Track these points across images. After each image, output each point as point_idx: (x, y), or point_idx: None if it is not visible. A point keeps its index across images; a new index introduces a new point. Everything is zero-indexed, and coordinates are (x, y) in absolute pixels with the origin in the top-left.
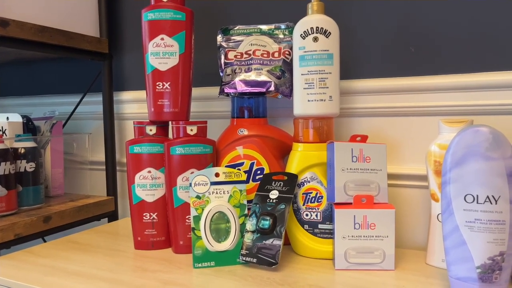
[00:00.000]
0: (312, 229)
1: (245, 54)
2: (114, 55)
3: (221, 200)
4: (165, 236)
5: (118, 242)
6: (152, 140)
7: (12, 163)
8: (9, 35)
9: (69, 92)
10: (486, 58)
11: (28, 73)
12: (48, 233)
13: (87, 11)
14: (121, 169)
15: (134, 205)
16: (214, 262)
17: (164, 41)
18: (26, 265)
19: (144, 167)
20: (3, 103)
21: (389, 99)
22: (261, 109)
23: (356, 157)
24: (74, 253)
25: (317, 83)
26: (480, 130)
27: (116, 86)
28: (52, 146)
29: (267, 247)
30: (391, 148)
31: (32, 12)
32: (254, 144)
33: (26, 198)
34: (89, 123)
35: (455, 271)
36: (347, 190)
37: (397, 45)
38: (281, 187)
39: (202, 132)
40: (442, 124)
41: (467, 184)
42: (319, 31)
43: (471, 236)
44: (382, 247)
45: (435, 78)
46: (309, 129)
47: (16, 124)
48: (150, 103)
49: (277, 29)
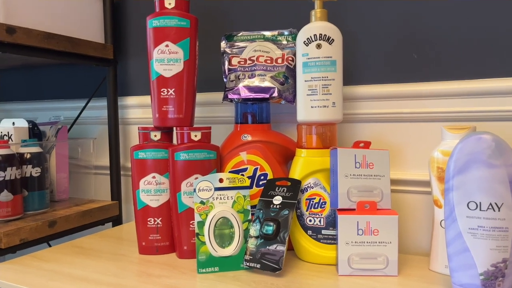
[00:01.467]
0: (315, 235)
1: (248, 60)
2: (119, 60)
3: (225, 205)
4: (169, 241)
5: (122, 247)
6: (157, 145)
7: (18, 168)
8: (16, 42)
9: (74, 97)
10: (488, 64)
11: (33, 78)
12: (53, 237)
13: (92, 18)
14: (125, 173)
15: (139, 210)
16: (218, 267)
17: (169, 48)
18: (32, 269)
19: (148, 173)
20: (9, 108)
21: (392, 105)
22: (264, 115)
23: (359, 163)
24: (79, 257)
25: (320, 89)
26: (483, 137)
27: (121, 92)
28: (57, 151)
29: (270, 252)
30: (394, 154)
31: (38, 18)
32: (257, 149)
33: (32, 202)
34: (94, 128)
35: (458, 277)
36: (351, 196)
37: (399, 51)
38: (285, 193)
39: (206, 138)
40: (445, 130)
41: (470, 191)
42: (322, 38)
43: (474, 243)
44: (386, 253)
45: (438, 84)
46: (312, 135)
47: (21, 129)
48: (155, 109)
49: (281, 35)
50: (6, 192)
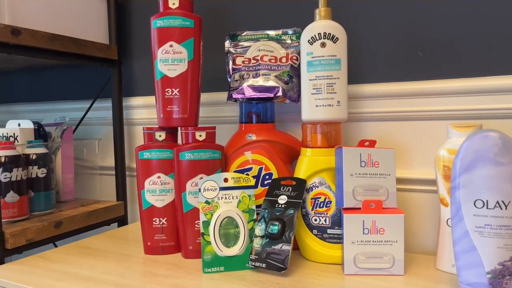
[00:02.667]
0: (321, 234)
1: (252, 60)
2: (123, 61)
3: (230, 205)
4: (175, 241)
5: (128, 247)
6: (162, 145)
7: (24, 169)
8: (21, 44)
9: (79, 98)
10: (494, 62)
11: (38, 79)
12: (59, 238)
13: (97, 19)
14: (130, 174)
15: (144, 210)
16: (224, 267)
17: (173, 48)
18: (38, 270)
19: (153, 173)
20: (14, 109)
21: (397, 103)
22: (269, 114)
23: (364, 162)
24: (85, 258)
25: (325, 88)
26: (489, 135)
27: (126, 92)
28: (62, 151)
29: (276, 252)
30: (400, 152)
31: (43, 20)
32: (262, 149)
33: (38, 203)
34: (99, 128)
35: (465, 276)
36: (356, 195)
37: (404, 50)
38: (290, 192)
39: (211, 138)
40: (450, 128)
41: (477, 190)
42: (327, 37)
43: (481, 242)
44: (392, 252)
45: (443, 82)
46: (317, 134)
47: (27, 130)
48: (160, 109)
49: (285, 34)
50: (12, 193)
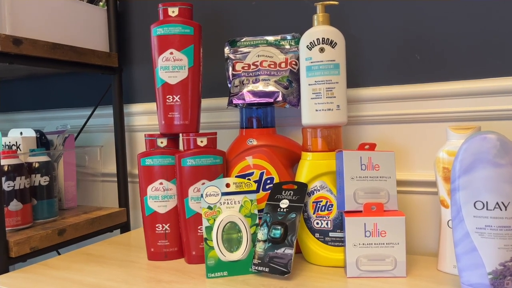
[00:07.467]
0: (323, 238)
1: (252, 65)
2: (124, 68)
3: (232, 210)
4: (178, 246)
5: (131, 253)
6: (163, 152)
7: (27, 178)
8: (22, 53)
9: (80, 105)
10: (492, 64)
11: (40, 88)
12: (62, 245)
13: (97, 27)
14: (132, 180)
15: (147, 216)
16: (227, 272)
17: (173, 55)
18: (43, 278)
19: (156, 179)
20: (16, 117)
21: (396, 106)
22: (269, 119)
23: (365, 165)
24: (88, 265)
25: (324, 92)
26: (488, 137)
27: (126, 99)
28: (64, 159)
29: (279, 256)
30: (400, 155)
31: (44, 29)
32: (263, 153)
33: (41, 211)
34: (100, 135)
35: (467, 277)
36: (357, 198)
37: (403, 53)
38: (291, 196)
39: (212, 143)
40: (450, 130)
41: (477, 191)
42: (325, 42)
43: (482, 243)
44: (393, 254)
45: (442, 85)
46: (317, 138)
47: (29, 139)
48: (161, 116)
49: (283, 39)
50: (15, 202)
